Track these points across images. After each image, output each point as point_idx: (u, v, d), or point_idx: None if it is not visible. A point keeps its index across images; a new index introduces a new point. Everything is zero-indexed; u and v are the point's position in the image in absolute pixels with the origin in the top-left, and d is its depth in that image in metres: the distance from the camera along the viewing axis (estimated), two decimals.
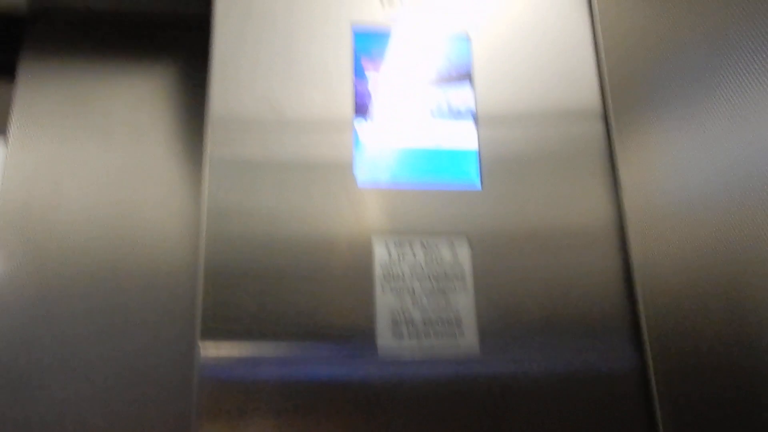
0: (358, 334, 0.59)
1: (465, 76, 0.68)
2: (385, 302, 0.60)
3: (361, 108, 0.65)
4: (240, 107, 0.62)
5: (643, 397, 0.60)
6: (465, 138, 0.66)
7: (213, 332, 0.56)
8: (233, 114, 0.62)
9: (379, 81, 0.66)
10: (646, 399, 0.60)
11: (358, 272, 0.60)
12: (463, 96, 0.67)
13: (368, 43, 0.67)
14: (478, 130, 0.67)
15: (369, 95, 0.66)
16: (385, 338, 0.59)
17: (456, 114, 0.67)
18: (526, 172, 0.66)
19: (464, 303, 0.62)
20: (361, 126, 0.64)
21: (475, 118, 0.67)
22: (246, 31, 0.64)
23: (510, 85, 0.68)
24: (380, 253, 0.61)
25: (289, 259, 0.59)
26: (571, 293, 0.62)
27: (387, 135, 0.65)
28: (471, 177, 0.65)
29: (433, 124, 0.66)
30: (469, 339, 0.61)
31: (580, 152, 0.67)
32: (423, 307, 0.61)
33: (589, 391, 0.60)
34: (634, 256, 0.62)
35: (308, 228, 0.60)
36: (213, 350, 0.55)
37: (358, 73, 0.66)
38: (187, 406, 0.54)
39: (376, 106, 0.66)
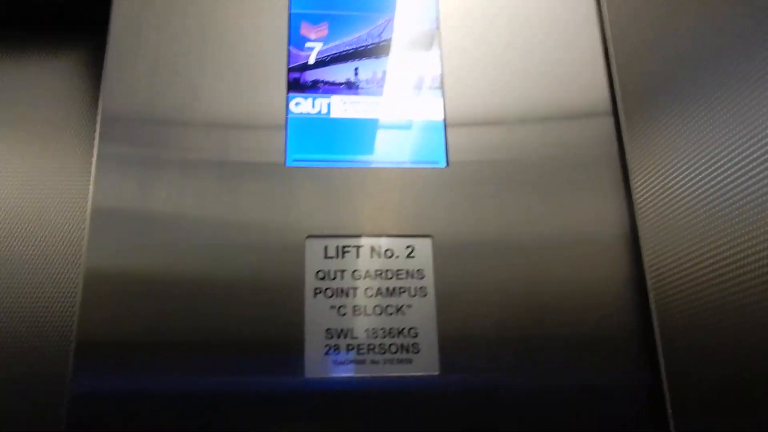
0: (280, 348, 0.46)
1: (434, 39, 0.57)
2: (316, 310, 0.47)
3: (296, 81, 0.54)
4: (139, 89, 0.53)
5: (656, 416, 0.47)
6: (430, 109, 0.54)
7: (90, 344, 0.45)
8: (130, 97, 0.52)
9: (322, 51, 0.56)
10: (660, 419, 0.47)
11: (284, 273, 0.48)
12: (430, 65, 0.56)
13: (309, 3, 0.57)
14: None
15: (308, 66, 0.55)
16: (314, 353, 0.46)
17: (421, 85, 0.55)
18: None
19: (422, 312, 0.48)
20: (297, 101, 0.53)
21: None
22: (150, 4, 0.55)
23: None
24: (314, 251, 0.49)
25: (191, 264, 0.48)
26: (571, 306, 0.49)
27: (335, 108, 0.54)
28: (436, 154, 0.53)
29: (393, 96, 0.55)
30: (426, 356, 0.47)
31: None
32: (366, 317, 0.48)
33: (595, 410, 0.47)
34: (648, 265, 0.49)
35: (217, 230, 0.49)
36: (89, 363, 0.44)
37: (295, 40, 0.55)
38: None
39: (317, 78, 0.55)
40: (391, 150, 0.53)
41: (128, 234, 0.48)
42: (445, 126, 0.54)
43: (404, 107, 0.54)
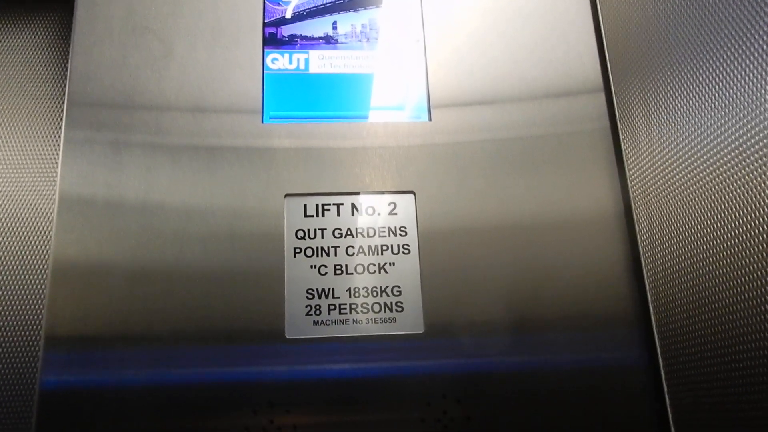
0: (260, 309, 0.45)
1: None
2: (296, 270, 0.46)
3: (272, 36, 0.52)
4: (112, 46, 0.51)
5: (652, 391, 0.45)
6: (412, 63, 0.52)
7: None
8: (103, 55, 0.50)
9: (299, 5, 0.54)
10: (656, 393, 0.45)
11: (263, 233, 0.47)
12: (410, 17, 0.54)
13: None
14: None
15: (284, 20, 0.53)
16: (295, 314, 0.45)
17: (402, 38, 0.53)
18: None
19: (406, 270, 0.47)
20: (273, 56, 0.52)
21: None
22: None
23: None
24: (293, 209, 0.47)
25: (166, 225, 0.46)
26: (561, 273, 0.48)
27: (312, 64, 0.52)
28: (418, 109, 0.51)
29: (369, 50, 0.53)
30: (410, 315, 0.46)
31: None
32: (348, 277, 0.46)
33: (589, 387, 0.45)
34: (642, 243, 0.48)
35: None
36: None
37: None
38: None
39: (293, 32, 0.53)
40: (371, 105, 0.51)
41: (99, 207, 0.46)
42: (428, 80, 0.52)
43: (385, 61, 0.52)
